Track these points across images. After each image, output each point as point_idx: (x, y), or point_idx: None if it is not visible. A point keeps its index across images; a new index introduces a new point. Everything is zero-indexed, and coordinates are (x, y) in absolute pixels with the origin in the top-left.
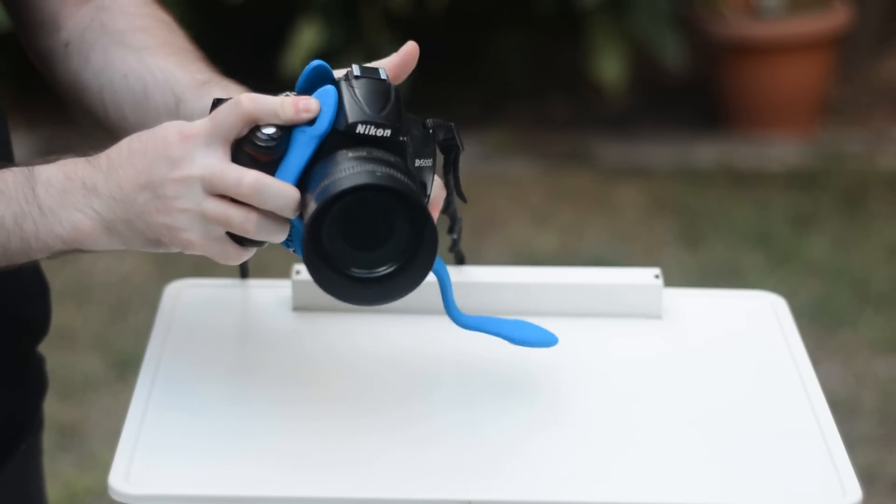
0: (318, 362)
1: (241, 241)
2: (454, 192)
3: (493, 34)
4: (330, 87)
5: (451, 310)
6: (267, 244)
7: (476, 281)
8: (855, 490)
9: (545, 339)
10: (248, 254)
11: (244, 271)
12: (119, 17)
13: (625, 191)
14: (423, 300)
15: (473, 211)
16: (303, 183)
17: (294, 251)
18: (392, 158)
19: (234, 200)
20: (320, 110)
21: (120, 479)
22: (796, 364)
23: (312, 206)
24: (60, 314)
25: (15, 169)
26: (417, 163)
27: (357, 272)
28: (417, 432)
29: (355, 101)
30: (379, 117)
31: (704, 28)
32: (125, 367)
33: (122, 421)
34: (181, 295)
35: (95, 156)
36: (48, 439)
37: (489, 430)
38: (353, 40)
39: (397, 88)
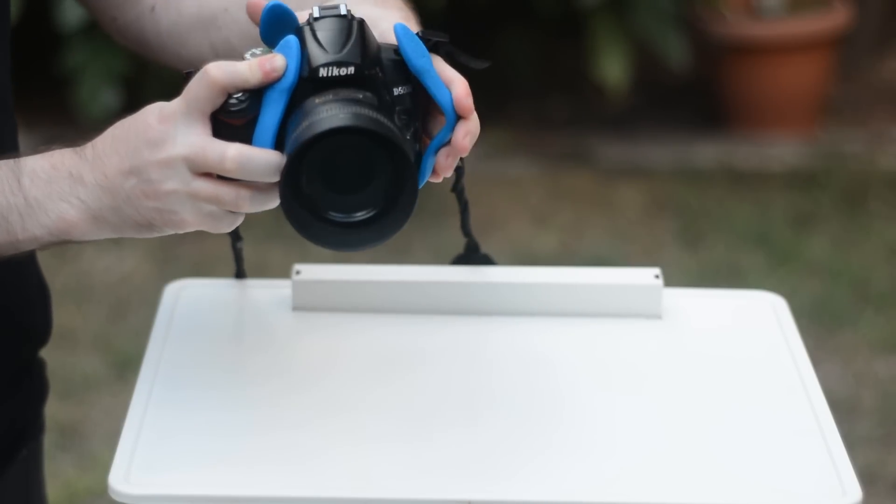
0: (318, 362)
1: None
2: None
3: (493, 34)
4: (291, 38)
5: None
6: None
7: (476, 281)
8: (855, 490)
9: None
10: (240, 218)
11: (240, 272)
12: None
13: (625, 191)
14: (423, 300)
15: (473, 211)
16: (281, 141)
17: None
18: (360, 95)
19: (220, 177)
20: (286, 65)
21: (120, 479)
22: (796, 364)
23: (285, 160)
24: (60, 314)
25: (0, 161)
26: (396, 91)
27: (336, 216)
28: (417, 432)
29: (316, 44)
30: (340, 56)
31: (704, 28)
32: (125, 367)
33: (122, 421)
34: (181, 295)
35: (82, 146)
36: (48, 439)
37: (489, 430)
38: None
39: (361, 21)
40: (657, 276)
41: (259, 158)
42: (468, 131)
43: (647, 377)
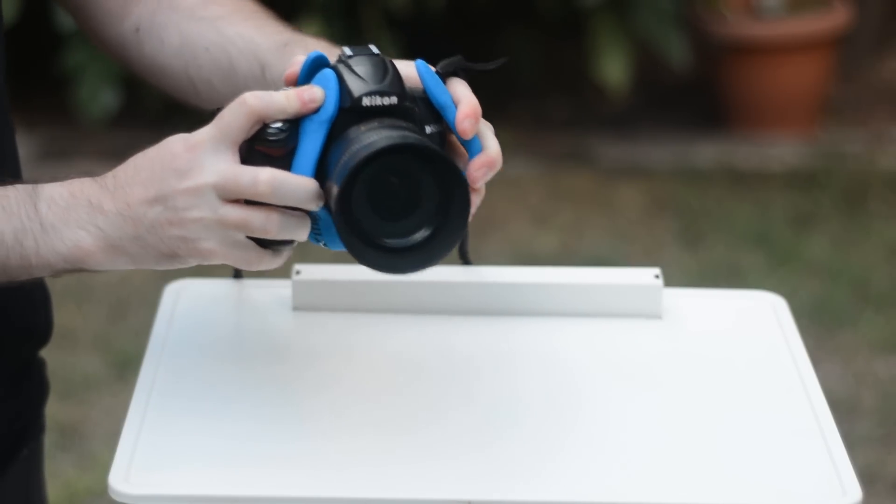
0: (318, 362)
1: (264, 244)
2: None
3: (493, 34)
4: (328, 71)
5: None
6: (295, 243)
7: (476, 281)
8: (855, 490)
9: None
10: (276, 258)
11: (240, 272)
12: None
13: (625, 191)
14: (423, 300)
15: None
16: (321, 171)
17: (325, 245)
18: (404, 124)
19: (248, 202)
20: (324, 96)
21: (120, 479)
22: (796, 364)
23: (335, 189)
24: (60, 314)
25: (18, 185)
26: (427, 130)
27: (392, 243)
28: (417, 432)
29: (355, 76)
30: (382, 86)
31: (705, 28)
32: (125, 367)
33: (122, 421)
34: (181, 295)
35: (102, 175)
36: (48, 439)
37: (489, 430)
38: (354, 40)
39: (391, 60)
40: (657, 276)
41: (293, 181)
42: (483, 164)
43: (647, 377)
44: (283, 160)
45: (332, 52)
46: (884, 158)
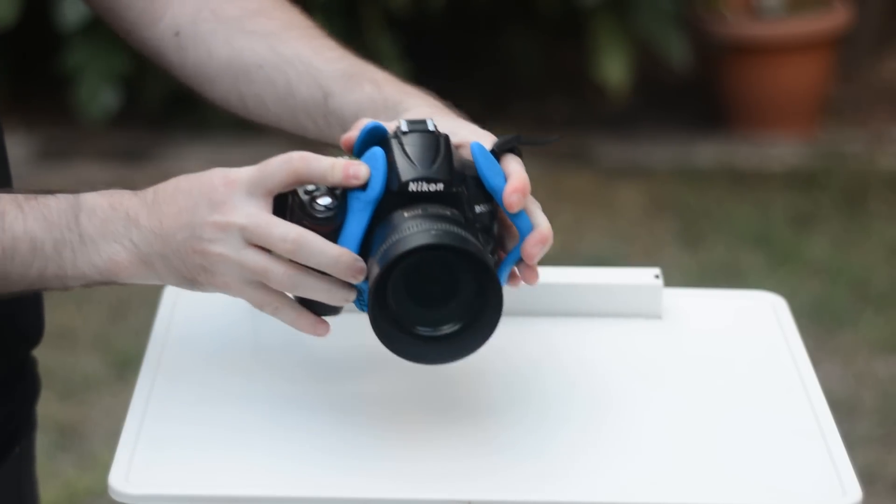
0: (319, 362)
1: (309, 304)
2: None
3: (494, 34)
4: (377, 150)
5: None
6: (341, 311)
7: None
8: (855, 490)
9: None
10: (318, 325)
11: None
12: (228, 4)
13: (625, 191)
14: None
15: None
16: (365, 248)
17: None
18: (448, 212)
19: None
20: (370, 174)
21: (120, 479)
22: (796, 364)
23: (375, 271)
24: (60, 314)
25: (61, 195)
26: (477, 209)
27: (423, 331)
28: (417, 432)
29: (405, 158)
30: (430, 172)
31: (704, 28)
32: (125, 367)
33: (122, 421)
34: (181, 295)
35: (143, 190)
36: (48, 439)
37: (489, 430)
38: (353, 40)
39: (447, 137)
40: (657, 276)
41: (319, 245)
42: (539, 240)
43: (647, 377)
44: (329, 237)
45: (393, 84)
46: (884, 158)
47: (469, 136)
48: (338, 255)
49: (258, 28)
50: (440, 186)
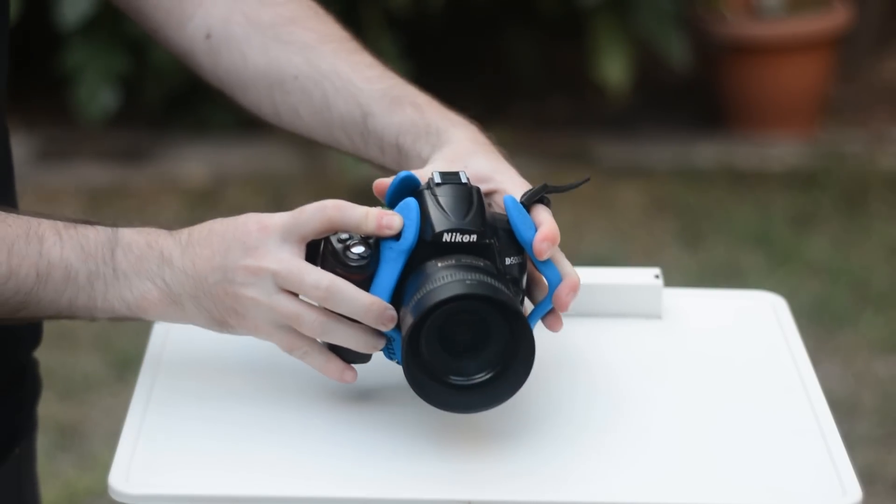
0: None
1: (339, 351)
2: None
3: (494, 34)
4: (411, 200)
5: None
6: (370, 357)
7: None
8: (855, 490)
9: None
10: (346, 371)
11: None
12: (262, 9)
13: (625, 191)
14: None
15: None
16: (397, 296)
17: (398, 362)
18: (481, 263)
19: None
20: (404, 225)
21: (120, 479)
22: (796, 364)
23: (409, 320)
24: None
25: (99, 227)
26: (507, 261)
27: (456, 380)
28: (418, 432)
29: (439, 209)
30: (463, 223)
31: (704, 28)
32: (125, 367)
33: (122, 421)
34: None
35: (179, 230)
36: (48, 439)
37: (489, 430)
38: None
39: (479, 190)
40: (657, 276)
41: (351, 294)
42: (571, 289)
43: (647, 377)
44: (361, 284)
45: (435, 110)
46: (884, 158)
47: (503, 183)
48: (369, 303)
49: (295, 38)
50: (473, 238)
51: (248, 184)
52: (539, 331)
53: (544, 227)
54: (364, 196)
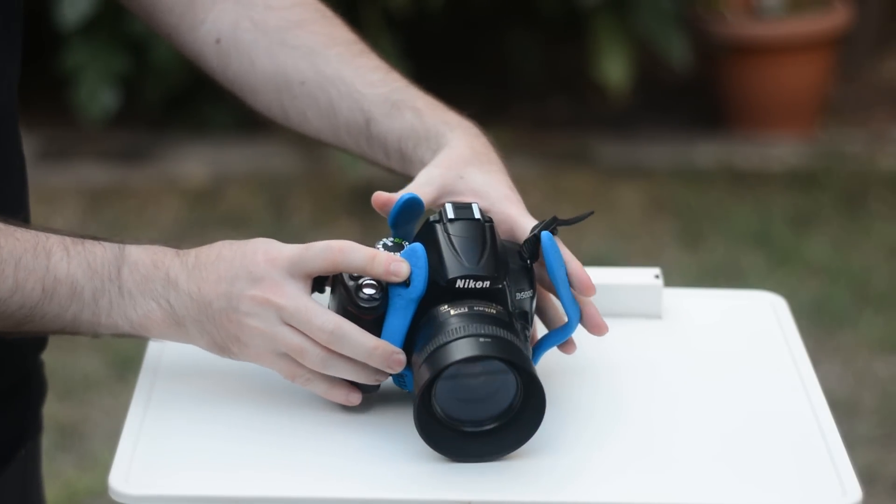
0: None
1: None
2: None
3: (494, 34)
4: (419, 247)
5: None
6: (379, 387)
7: None
8: (855, 490)
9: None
10: (350, 394)
11: None
12: (270, 14)
13: (625, 191)
14: None
15: None
16: (408, 341)
17: (408, 391)
18: (493, 311)
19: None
20: (412, 272)
21: (120, 479)
22: (796, 364)
23: (424, 376)
24: None
25: (107, 244)
26: (518, 296)
27: (467, 428)
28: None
29: (452, 251)
30: (477, 269)
31: (704, 28)
32: (125, 367)
33: (122, 421)
34: None
35: (186, 251)
36: (48, 439)
37: None
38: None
39: (492, 225)
40: (657, 276)
41: (356, 339)
42: (597, 322)
43: (647, 377)
44: (371, 324)
45: (434, 113)
46: (884, 158)
47: (496, 203)
48: (373, 347)
49: (300, 43)
50: (486, 284)
51: (248, 184)
52: (539, 329)
53: (575, 266)
54: (364, 196)
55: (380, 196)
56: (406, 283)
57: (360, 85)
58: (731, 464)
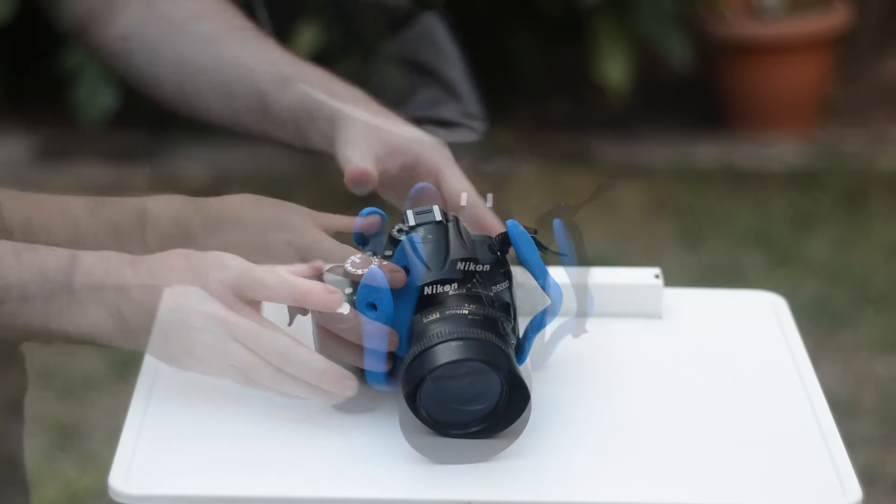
0: None
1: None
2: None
3: (494, 34)
4: (376, 271)
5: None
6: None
7: None
8: (855, 490)
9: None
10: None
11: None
12: (173, 7)
13: (625, 191)
14: None
15: None
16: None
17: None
18: (465, 311)
19: None
20: (382, 301)
21: (120, 479)
22: (796, 364)
23: (403, 388)
24: None
25: (59, 250)
26: (494, 289)
27: (454, 432)
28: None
29: (417, 259)
30: (442, 273)
31: (704, 28)
32: (125, 367)
33: (122, 421)
34: None
35: (141, 258)
36: (48, 439)
37: None
38: (352, 41)
39: (456, 222)
40: (657, 276)
41: (303, 361)
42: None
43: (648, 377)
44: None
45: (325, 87)
46: (884, 158)
47: (422, 154)
48: (323, 370)
49: (201, 30)
50: (454, 286)
51: (248, 184)
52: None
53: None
54: (364, 196)
55: (353, 170)
56: (375, 308)
57: (253, 64)
58: (731, 464)
